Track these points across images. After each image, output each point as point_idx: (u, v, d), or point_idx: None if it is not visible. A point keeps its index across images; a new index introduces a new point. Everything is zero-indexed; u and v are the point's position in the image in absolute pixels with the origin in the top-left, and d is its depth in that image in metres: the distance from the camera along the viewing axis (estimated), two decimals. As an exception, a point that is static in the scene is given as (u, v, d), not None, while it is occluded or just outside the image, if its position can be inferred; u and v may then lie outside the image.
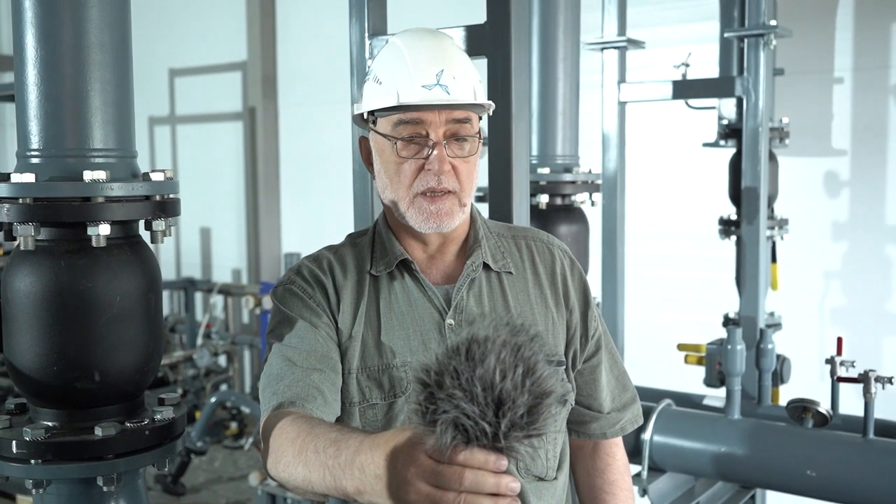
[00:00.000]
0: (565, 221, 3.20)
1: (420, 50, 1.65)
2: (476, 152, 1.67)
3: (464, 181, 1.65)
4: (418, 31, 1.74)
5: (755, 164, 3.57)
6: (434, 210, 1.63)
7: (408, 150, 1.62)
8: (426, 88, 1.61)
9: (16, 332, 1.74)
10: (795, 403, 2.90)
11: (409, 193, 1.64)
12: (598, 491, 1.94)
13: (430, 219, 1.63)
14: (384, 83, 1.64)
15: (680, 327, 5.22)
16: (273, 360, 1.63)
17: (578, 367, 1.82)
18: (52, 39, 1.70)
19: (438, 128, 1.61)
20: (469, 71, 1.67)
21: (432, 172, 1.61)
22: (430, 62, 1.63)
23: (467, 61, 1.69)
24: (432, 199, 1.63)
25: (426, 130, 1.62)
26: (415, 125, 1.62)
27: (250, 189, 8.41)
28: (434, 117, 1.61)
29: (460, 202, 1.65)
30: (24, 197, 1.67)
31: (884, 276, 5.05)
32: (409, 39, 1.69)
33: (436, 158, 1.61)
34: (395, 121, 1.63)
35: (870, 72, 5.04)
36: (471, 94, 1.65)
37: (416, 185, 1.63)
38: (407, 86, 1.61)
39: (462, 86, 1.63)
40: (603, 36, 3.74)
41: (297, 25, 8.00)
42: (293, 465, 1.37)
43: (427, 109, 1.61)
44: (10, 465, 1.72)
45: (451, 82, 1.62)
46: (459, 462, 1.04)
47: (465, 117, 1.64)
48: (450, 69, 1.63)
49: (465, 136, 1.64)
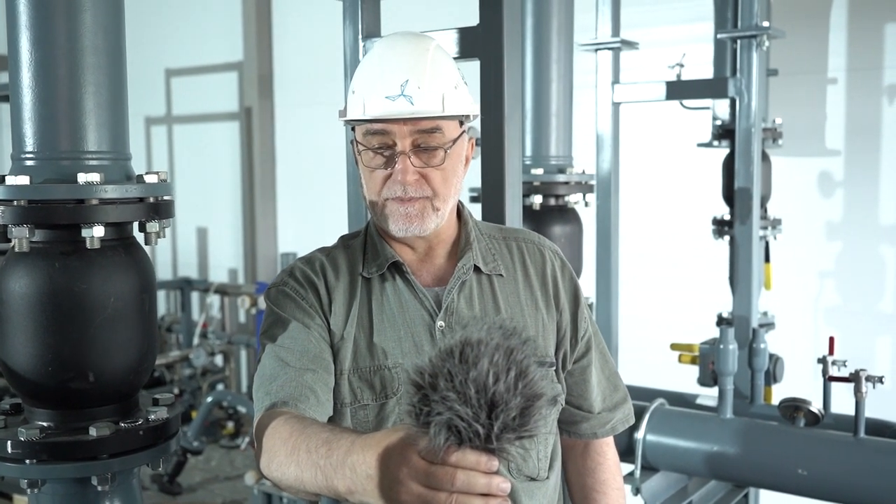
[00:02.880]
0: (559, 222, 3.21)
1: (389, 58, 1.65)
2: (451, 159, 1.65)
3: (437, 187, 1.64)
4: (396, 36, 1.73)
5: (748, 165, 3.59)
6: (404, 212, 1.64)
7: (376, 160, 1.64)
8: (390, 99, 1.60)
9: (10, 332, 1.75)
10: (787, 403, 2.92)
11: (379, 199, 1.66)
12: (589, 490, 1.95)
13: (400, 221, 1.64)
14: (356, 92, 1.66)
15: (674, 327, 5.24)
16: (266, 361, 1.64)
17: (569, 368, 1.83)
18: (47, 43, 1.72)
19: (404, 138, 1.61)
20: (440, 78, 1.64)
21: (398, 182, 1.62)
22: (396, 72, 1.62)
23: (443, 67, 1.67)
24: (401, 202, 1.64)
25: (393, 140, 1.62)
26: (382, 135, 1.62)
27: (247, 189, 8.42)
28: (398, 128, 1.61)
29: (433, 206, 1.65)
30: (19, 199, 1.69)
31: (877, 276, 5.07)
32: (383, 47, 1.69)
33: (399, 170, 1.61)
34: (364, 130, 1.65)
35: (863, 72, 5.06)
36: (438, 104, 1.62)
37: (384, 192, 1.64)
38: (372, 97, 1.62)
39: (427, 96, 1.61)
40: (597, 37, 3.76)
41: (294, 25, 8.00)
42: (285, 465, 1.38)
43: (390, 121, 1.61)
44: (6, 464, 1.74)
45: (416, 92, 1.60)
46: (451, 463, 1.05)
47: (432, 127, 1.62)
48: (416, 79, 1.61)
49: (434, 146, 1.63)
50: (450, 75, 1.67)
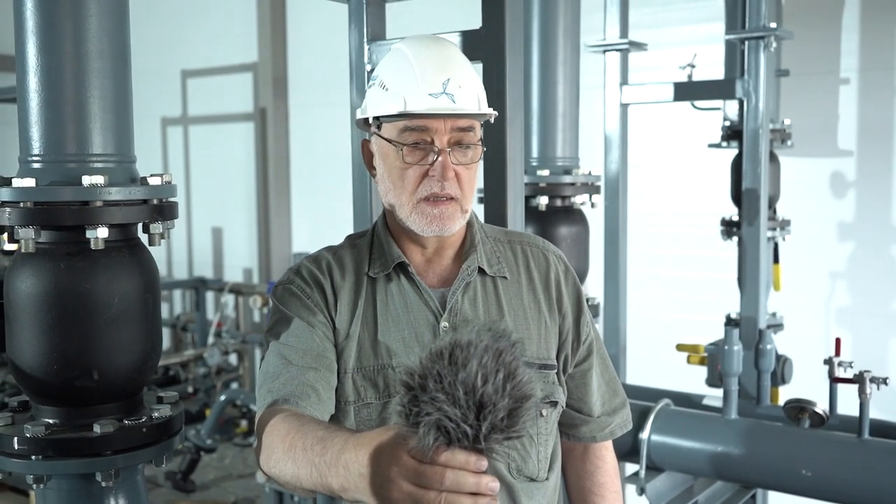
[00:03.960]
0: (565, 223, 3.22)
1: (427, 58, 1.68)
2: (478, 159, 1.71)
3: (465, 188, 1.68)
4: (424, 38, 1.76)
5: (755, 166, 3.59)
6: (437, 213, 1.66)
7: (413, 156, 1.66)
8: (433, 97, 1.64)
9: (17, 332, 1.79)
10: (792, 404, 2.92)
11: (412, 199, 1.67)
12: (587, 493, 1.97)
13: (432, 223, 1.67)
14: (390, 89, 1.67)
15: (683, 328, 5.23)
16: (270, 359, 1.67)
17: (570, 371, 1.85)
18: (53, 48, 1.75)
19: (443, 135, 1.65)
20: (474, 80, 1.71)
21: (436, 179, 1.64)
22: (437, 71, 1.66)
23: (472, 70, 1.73)
24: (435, 203, 1.66)
25: (431, 138, 1.65)
26: (420, 132, 1.65)
27: (261, 189, 8.47)
28: (439, 125, 1.64)
29: (462, 208, 1.69)
30: (25, 201, 1.72)
31: (890, 277, 5.04)
32: (415, 47, 1.71)
33: (440, 165, 1.64)
34: (401, 127, 1.66)
35: (876, 72, 5.03)
36: (475, 102, 1.68)
37: (420, 191, 1.66)
38: (414, 93, 1.64)
39: (467, 95, 1.67)
40: (605, 38, 3.77)
41: (308, 27, 8.04)
42: (283, 462, 1.40)
43: (433, 118, 1.64)
44: (12, 460, 1.78)
45: (457, 91, 1.65)
46: (441, 462, 1.07)
47: (468, 125, 1.67)
48: (456, 78, 1.66)
49: (469, 143, 1.68)
50: (478, 78, 1.74)
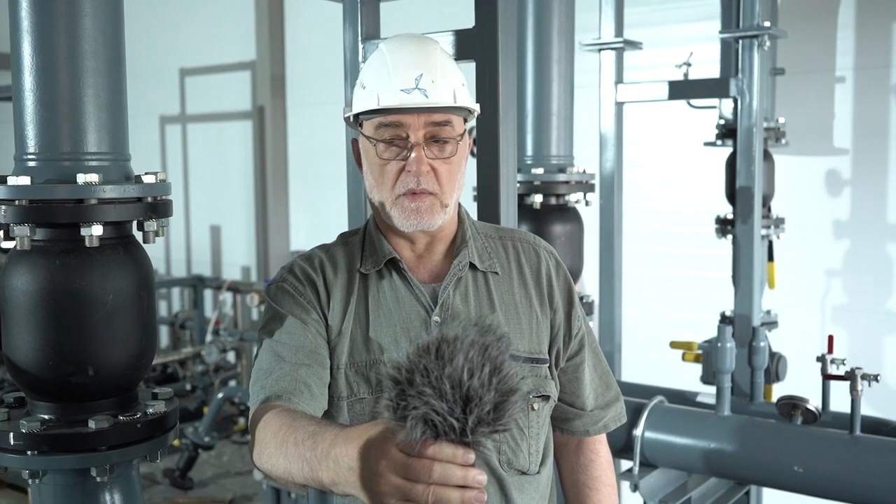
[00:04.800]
0: (559, 221, 3.23)
1: (402, 54, 1.71)
2: (458, 154, 1.72)
3: (444, 183, 1.70)
4: (404, 36, 1.79)
5: (749, 164, 3.60)
6: (414, 207, 1.68)
7: (389, 151, 1.68)
8: (405, 92, 1.66)
9: (13, 328, 1.81)
10: (785, 400, 2.93)
11: (391, 194, 1.69)
12: (581, 486, 1.99)
13: (411, 216, 1.68)
14: (367, 87, 1.70)
15: (678, 325, 5.25)
16: (263, 356, 1.68)
17: (562, 366, 1.86)
18: (48, 48, 1.77)
19: (417, 130, 1.67)
20: (450, 75, 1.72)
21: (412, 174, 1.66)
22: (410, 66, 1.68)
23: (450, 65, 1.74)
24: (412, 198, 1.68)
25: (406, 133, 1.67)
26: (395, 128, 1.67)
27: (259, 187, 8.48)
28: (413, 120, 1.66)
29: (441, 203, 1.70)
30: (21, 199, 1.74)
31: (884, 275, 5.06)
32: (392, 45, 1.74)
33: (414, 160, 1.66)
34: (377, 123, 1.68)
35: (871, 71, 5.05)
36: (450, 97, 1.69)
37: (398, 187, 1.68)
38: (387, 89, 1.67)
39: (441, 89, 1.68)
40: (600, 37, 3.78)
41: (306, 25, 8.05)
42: (275, 457, 1.42)
43: (404, 112, 1.66)
44: (8, 456, 1.80)
45: (430, 86, 1.67)
46: (429, 456, 1.09)
47: (444, 120, 1.69)
48: (430, 73, 1.68)
49: (446, 137, 1.69)
50: (457, 73, 1.75)
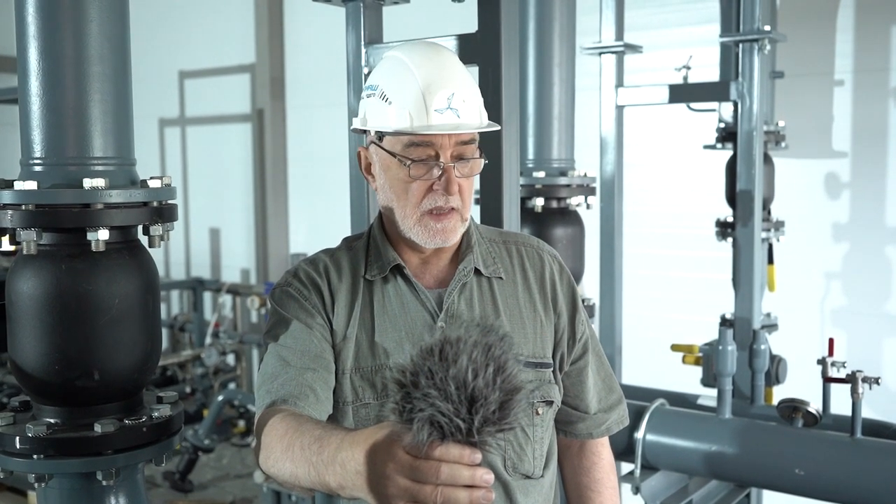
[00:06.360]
0: (560, 224, 3.24)
1: (429, 70, 1.68)
2: (479, 170, 1.73)
3: (466, 198, 1.71)
4: (421, 46, 1.76)
5: (749, 168, 3.61)
6: (440, 228, 1.69)
7: (418, 170, 1.67)
8: (438, 112, 1.65)
9: (19, 332, 1.81)
10: (786, 403, 2.94)
11: (416, 211, 1.69)
12: (584, 489, 2.00)
13: (436, 236, 1.69)
14: (394, 103, 1.67)
15: (679, 328, 5.26)
16: (268, 360, 1.69)
17: (566, 369, 1.87)
18: (54, 53, 1.78)
19: (447, 150, 1.67)
20: (475, 91, 1.72)
21: (440, 192, 1.67)
22: (441, 85, 1.66)
23: (471, 79, 1.74)
24: (438, 217, 1.68)
25: (436, 152, 1.67)
26: (425, 147, 1.66)
27: (258, 190, 8.48)
28: (444, 140, 1.66)
29: (462, 218, 1.71)
30: (27, 204, 1.74)
31: (884, 278, 5.07)
32: (415, 57, 1.70)
33: (445, 180, 1.66)
34: (406, 142, 1.67)
35: (870, 74, 5.06)
36: (478, 116, 1.70)
37: (424, 204, 1.68)
38: (420, 110, 1.65)
39: (471, 109, 1.68)
40: (601, 40, 3.79)
41: (305, 28, 8.06)
42: (281, 461, 1.43)
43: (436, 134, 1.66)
44: (14, 459, 1.80)
45: (461, 105, 1.66)
46: (436, 457, 1.09)
47: (471, 139, 1.70)
48: (460, 92, 1.67)
49: (471, 156, 1.70)
50: (476, 87, 1.74)
